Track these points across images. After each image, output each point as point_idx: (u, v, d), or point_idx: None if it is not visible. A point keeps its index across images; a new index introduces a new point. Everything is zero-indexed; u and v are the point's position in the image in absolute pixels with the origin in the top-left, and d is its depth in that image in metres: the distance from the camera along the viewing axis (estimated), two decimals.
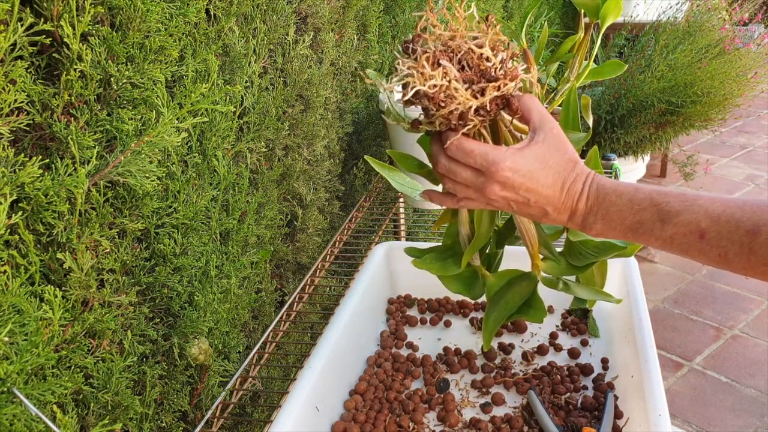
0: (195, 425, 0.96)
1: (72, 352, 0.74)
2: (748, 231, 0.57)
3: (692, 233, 0.60)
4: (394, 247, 1.19)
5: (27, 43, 0.67)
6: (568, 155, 0.66)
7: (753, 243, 0.57)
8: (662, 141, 2.42)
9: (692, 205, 0.60)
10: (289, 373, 1.14)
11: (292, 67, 1.21)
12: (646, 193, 0.63)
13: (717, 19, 2.34)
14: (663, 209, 0.62)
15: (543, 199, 0.66)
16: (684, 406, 1.94)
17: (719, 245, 0.59)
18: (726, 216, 0.59)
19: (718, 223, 0.59)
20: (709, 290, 2.50)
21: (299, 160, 1.29)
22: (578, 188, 0.66)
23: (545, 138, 0.65)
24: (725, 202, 0.60)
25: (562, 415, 0.89)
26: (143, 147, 0.77)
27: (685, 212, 0.61)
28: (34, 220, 0.69)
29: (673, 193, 0.62)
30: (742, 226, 0.58)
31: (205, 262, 0.98)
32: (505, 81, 0.65)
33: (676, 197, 0.62)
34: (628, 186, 0.65)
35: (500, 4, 2.44)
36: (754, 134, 4.05)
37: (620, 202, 0.64)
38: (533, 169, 0.65)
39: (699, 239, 0.60)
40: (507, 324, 1.10)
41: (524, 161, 0.65)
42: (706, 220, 0.59)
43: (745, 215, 0.58)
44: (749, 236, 0.57)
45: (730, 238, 0.58)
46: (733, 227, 0.58)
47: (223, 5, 0.98)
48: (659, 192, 0.63)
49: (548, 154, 0.65)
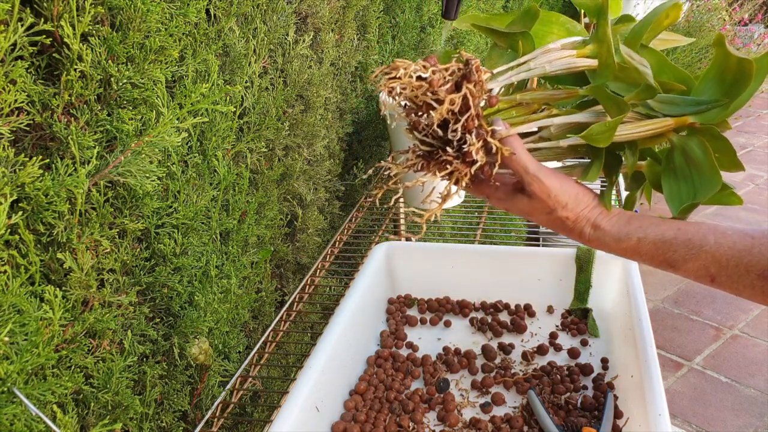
0: (195, 425, 0.96)
1: (72, 352, 0.74)
2: (759, 275, 0.57)
3: (703, 278, 0.61)
4: (394, 247, 1.19)
5: (27, 43, 0.67)
6: (554, 215, 0.66)
7: (765, 287, 0.57)
8: None
9: (699, 253, 0.60)
10: (289, 373, 1.14)
11: (292, 67, 1.21)
12: (650, 242, 0.63)
13: (717, 19, 2.34)
14: (670, 258, 0.62)
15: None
16: (684, 405, 1.94)
17: (731, 287, 0.59)
18: (734, 261, 0.58)
19: (727, 269, 0.59)
20: (708, 290, 2.50)
21: (299, 160, 1.29)
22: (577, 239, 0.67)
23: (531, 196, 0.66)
24: (733, 244, 0.59)
25: (562, 415, 0.89)
26: (143, 147, 0.77)
27: (693, 260, 0.61)
28: (35, 220, 0.69)
29: (679, 240, 0.61)
30: (752, 270, 0.57)
31: (205, 262, 0.98)
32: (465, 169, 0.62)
33: (682, 245, 0.61)
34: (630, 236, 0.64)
35: (500, 5, 2.44)
36: (753, 134, 4.05)
37: (627, 254, 0.65)
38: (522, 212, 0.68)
39: (710, 282, 0.60)
40: (507, 324, 1.10)
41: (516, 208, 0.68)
42: (714, 266, 0.59)
43: (754, 259, 0.57)
44: (761, 280, 0.57)
45: (741, 282, 0.58)
46: (743, 272, 0.58)
47: (223, 5, 0.98)
48: (663, 240, 0.62)
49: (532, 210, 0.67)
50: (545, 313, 1.14)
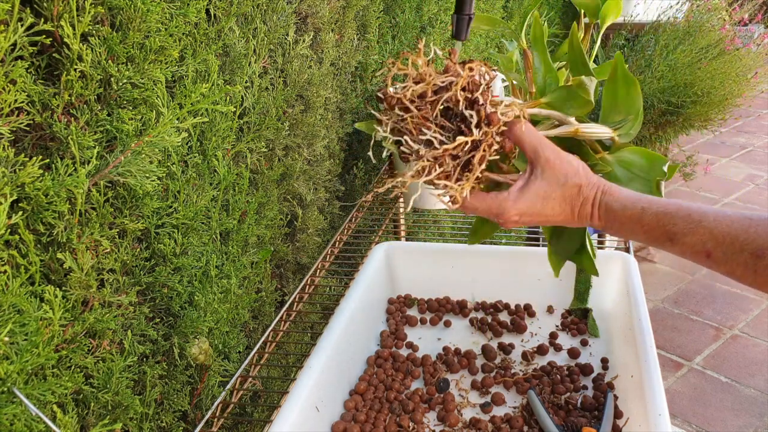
0: (195, 425, 0.96)
1: (72, 352, 0.74)
2: (752, 254, 0.59)
3: (699, 253, 0.62)
4: (394, 247, 1.19)
5: (27, 43, 0.67)
6: (570, 182, 0.68)
7: (757, 265, 0.59)
8: (662, 141, 2.42)
9: (697, 227, 0.62)
10: (289, 373, 1.14)
11: (292, 67, 1.21)
12: (653, 213, 0.65)
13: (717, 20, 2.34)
14: (669, 230, 0.64)
15: (558, 221, 0.70)
16: (684, 405, 1.94)
17: (725, 265, 0.61)
18: (730, 238, 0.60)
19: (723, 245, 0.60)
20: (708, 290, 2.50)
21: (299, 160, 1.29)
22: (588, 210, 0.68)
23: (542, 172, 0.68)
24: (731, 222, 0.61)
25: (562, 415, 0.89)
26: (143, 147, 0.77)
27: (691, 234, 0.62)
28: (35, 220, 0.69)
29: (680, 213, 0.64)
30: (746, 249, 0.59)
31: (205, 262, 0.98)
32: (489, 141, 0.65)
33: (682, 218, 0.63)
34: (635, 205, 0.66)
35: (500, 4, 2.44)
36: (753, 134, 4.05)
37: (629, 223, 0.66)
38: (539, 207, 0.68)
39: (706, 258, 0.62)
40: (507, 324, 1.10)
41: (527, 203, 0.68)
42: (711, 242, 0.61)
43: (750, 237, 0.59)
44: (753, 259, 0.59)
45: (735, 260, 0.60)
46: (738, 249, 0.60)
47: (223, 5, 0.98)
48: (666, 212, 0.64)
49: (549, 188, 0.68)
50: (545, 313, 1.14)
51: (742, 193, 3.26)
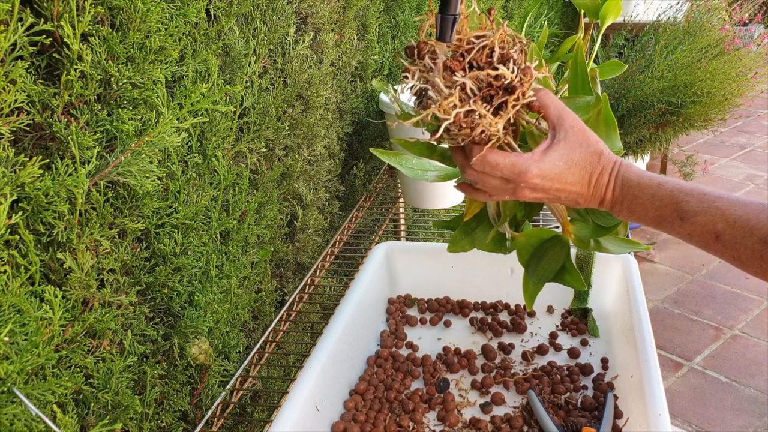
0: (195, 425, 0.96)
1: (72, 351, 0.74)
2: (760, 239, 0.59)
3: (709, 233, 0.62)
4: (394, 247, 1.19)
5: (27, 43, 0.67)
6: (591, 148, 0.67)
7: (764, 252, 0.58)
8: (662, 141, 2.42)
9: (710, 207, 0.62)
10: (289, 373, 1.14)
11: (292, 67, 1.21)
12: (668, 189, 0.65)
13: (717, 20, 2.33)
14: (682, 208, 0.63)
15: (572, 194, 0.68)
16: (684, 405, 1.94)
17: (733, 248, 0.61)
18: (742, 222, 0.60)
19: (733, 227, 0.60)
20: (708, 290, 2.50)
21: (299, 160, 1.29)
22: (605, 180, 0.67)
23: (566, 135, 0.67)
24: (743, 206, 0.61)
25: (562, 415, 0.89)
26: (143, 147, 0.77)
27: (703, 213, 0.62)
28: (35, 220, 0.69)
29: (695, 192, 0.64)
30: (755, 234, 0.59)
31: (205, 262, 0.98)
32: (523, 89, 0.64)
33: (697, 197, 0.63)
34: (651, 180, 0.66)
35: (500, 4, 2.44)
36: (753, 134, 4.05)
37: (643, 197, 0.66)
38: (560, 171, 0.67)
39: (715, 240, 0.62)
40: (507, 324, 1.10)
41: (550, 164, 0.66)
42: (722, 223, 0.61)
43: (760, 223, 0.59)
44: (761, 244, 0.59)
45: (744, 244, 0.60)
46: (747, 233, 0.59)
47: (223, 5, 0.98)
48: (681, 189, 0.64)
49: (572, 152, 0.67)
50: (545, 313, 1.14)
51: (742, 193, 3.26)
